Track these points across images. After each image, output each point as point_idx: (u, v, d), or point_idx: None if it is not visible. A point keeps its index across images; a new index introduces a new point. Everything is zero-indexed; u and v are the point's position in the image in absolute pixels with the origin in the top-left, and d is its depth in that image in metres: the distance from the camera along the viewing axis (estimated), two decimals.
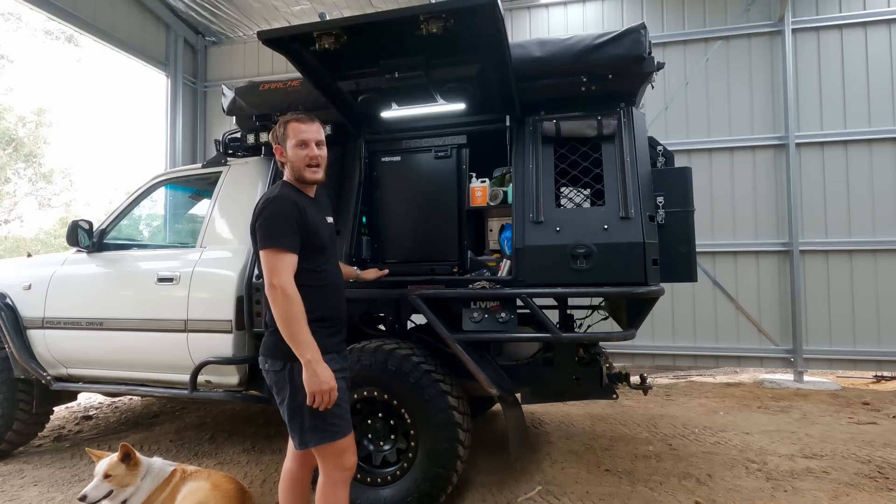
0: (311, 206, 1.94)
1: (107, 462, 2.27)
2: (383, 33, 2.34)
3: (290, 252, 1.81)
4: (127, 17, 6.87)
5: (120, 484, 2.24)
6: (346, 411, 1.92)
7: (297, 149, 1.91)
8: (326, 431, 1.84)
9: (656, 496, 2.83)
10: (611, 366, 2.90)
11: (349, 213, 2.91)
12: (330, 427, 1.85)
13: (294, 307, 1.76)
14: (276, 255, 1.79)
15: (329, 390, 1.76)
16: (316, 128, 1.95)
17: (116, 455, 2.29)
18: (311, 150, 1.90)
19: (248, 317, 2.91)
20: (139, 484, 2.28)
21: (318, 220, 1.96)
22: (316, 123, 1.96)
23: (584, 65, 2.63)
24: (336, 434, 1.86)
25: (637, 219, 2.45)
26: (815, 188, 5.75)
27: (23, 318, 3.46)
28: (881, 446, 3.54)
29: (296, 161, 1.91)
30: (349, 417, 1.93)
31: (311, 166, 1.91)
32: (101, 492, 2.22)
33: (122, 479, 2.25)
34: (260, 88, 3.16)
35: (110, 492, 2.24)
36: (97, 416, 4.70)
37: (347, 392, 1.98)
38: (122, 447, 2.29)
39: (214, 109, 7.81)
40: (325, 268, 1.96)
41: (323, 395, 1.76)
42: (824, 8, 5.81)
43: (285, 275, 1.78)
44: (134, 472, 2.27)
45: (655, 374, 6.29)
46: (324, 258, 1.96)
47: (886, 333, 5.50)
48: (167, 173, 3.66)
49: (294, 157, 1.91)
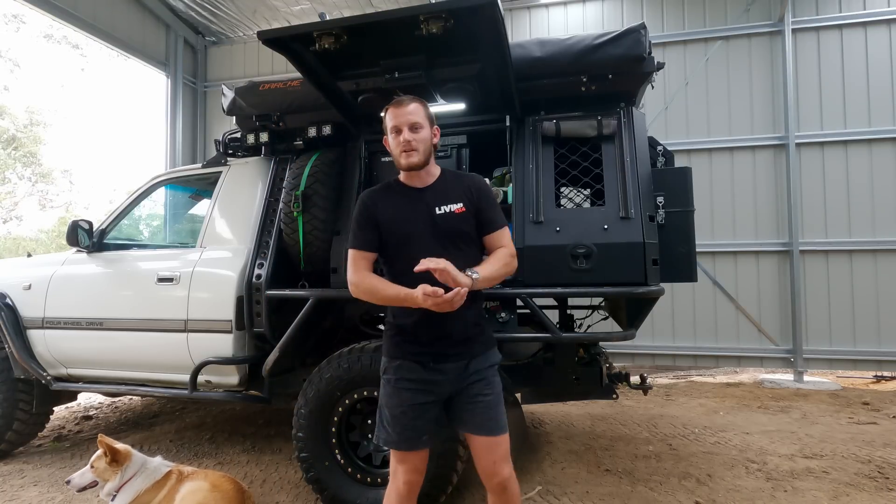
0: (402, 199, 1.82)
1: (98, 453, 2.32)
2: (383, 33, 2.34)
3: (354, 248, 1.82)
4: (127, 17, 6.87)
5: (101, 476, 2.29)
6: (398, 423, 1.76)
7: (392, 137, 1.80)
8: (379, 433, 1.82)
9: (656, 496, 2.83)
10: (611, 366, 2.90)
11: (349, 213, 2.91)
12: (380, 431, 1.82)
13: (369, 291, 1.75)
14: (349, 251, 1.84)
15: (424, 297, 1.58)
16: (409, 110, 1.77)
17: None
18: (402, 135, 1.76)
19: (248, 317, 2.91)
20: (123, 479, 2.27)
21: (402, 216, 1.80)
22: (410, 105, 1.78)
23: (584, 65, 2.63)
24: (385, 441, 1.80)
25: (637, 219, 2.45)
26: (815, 188, 5.75)
27: (23, 318, 3.45)
28: (881, 446, 3.54)
29: (393, 150, 1.80)
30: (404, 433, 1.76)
31: (405, 151, 1.77)
32: (86, 480, 2.28)
33: (102, 472, 2.29)
34: (260, 88, 3.16)
35: (95, 482, 2.29)
36: (97, 416, 4.70)
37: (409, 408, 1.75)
38: (98, 441, 2.32)
39: (214, 109, 7.81)
40: (397, 267, 1.80)
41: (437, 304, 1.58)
42: (824, 8, 5.81)
43: (351, 271, 1.80)
44: (114, 467, 2.29)
45: (655, 374, 6.29)
46: (400, 254, 1.80)
47: (886, 333, 5.50)
48: (167, 173, 3.66)
49: (392, 148, 1.81)
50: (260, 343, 3.01)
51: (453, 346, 1.77)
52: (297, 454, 2.67)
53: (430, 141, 1.81)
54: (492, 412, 1.76)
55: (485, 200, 1.83)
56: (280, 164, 3.20)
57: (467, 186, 1.84)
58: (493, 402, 1.77)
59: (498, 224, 1.83)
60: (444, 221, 1.78)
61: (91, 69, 22.61)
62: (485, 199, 1.84)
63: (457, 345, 1.77)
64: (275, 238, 3.00)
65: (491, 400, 1.77)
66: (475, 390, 1.77)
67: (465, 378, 1.77)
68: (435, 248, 1.72)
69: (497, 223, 1.83)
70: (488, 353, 1.84)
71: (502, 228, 1.83)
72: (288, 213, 2.87)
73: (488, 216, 1.82)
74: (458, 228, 1.79)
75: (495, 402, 1.78)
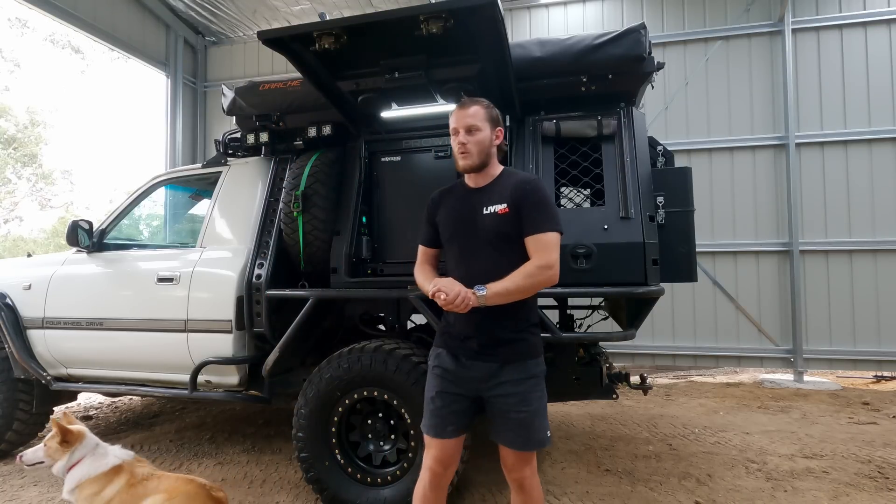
0: (457, 200, 1.88)
1: (52, 432, 2.26)
2: (383, 33, 2.34)
3: (419, 243, 2.00)
4: (127, 17, 6.87)
5: (51, 456, 2.23)
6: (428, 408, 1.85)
7: (452, 138, 1.84)
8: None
9: (656, 496, 2.83)
10: (611, 366, 2.90)
11: (349, 213, 2.91)
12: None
13: (417, 282, 1.91)
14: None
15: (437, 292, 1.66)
16: (468, 112, 1.80)
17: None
18: (459, 137, 1.80)
19: (248, 317, 2.91)
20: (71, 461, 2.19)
21: (456, 215, 1.86)
22: (471, 108, 1.81)
23: (584, 65, 2.63)
24: (421, 424, 1.89)
25: (637, 219, 2.45)
26: (815, 188, 5.75)
27: (23, 318, 3.45)
28: (881, 446, 3.54)
29: (454, 151, 1.85)
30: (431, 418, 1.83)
31: (460, 153, 1.81)
32: (37, 457, 2.24)
33: (53, 452, 2.23)
34: (260, 88, 3.16)
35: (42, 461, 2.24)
36: (97, 416, 4.70)
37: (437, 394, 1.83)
38: (51, 421, 2.25)
39: (214, 109, 7.81)
40: (450, 264, 1.88)
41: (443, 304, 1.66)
42: (824, 8, 5.81)
43: (416, 263, 1.97)
44: (64, 447, 2.22)
45: (655, 374, 6.29)
46: (450, 251, 1.89)
47: (886, 333, 5.50)
48: (167, 173, 3.66)
49: (453, 148, 1.85)
50: (260, 343, 3.01)
51: (482, 346, 1.77)
52: (297, 454, 2.66)
53: (487, 143, 1.81)
54: (524, 430, 1.74)
55: (526, 201, 1.75)
56: (280, 164, 3.20)
57: (515, 185, 1.79)
58: (525, 420, 1.74)
59: (535, 228, 1.73)
60: (487, 222, 1.78)
61: (92, 70, 22.65)
62: (526, 200, 1.75)
63: (485, 346, 1.77)
64: (275, 238, 3.00)
65: (524, 418, 1.74)
66: (509, 405, 1.75)
67: (495, 382, 1.76)
68: (475, 248, 1.78)
69: (534, 227, 1.73)
70: (526, 362, 1.77)
71: (540, 234, 1.72)
72: (288, 213, 2.87)
73: (527, 218, 1.74)
74: (498, 229, 1.77)
75: (529, 420, 1.74)
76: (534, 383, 1.77)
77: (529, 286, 1.70)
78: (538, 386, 1.78)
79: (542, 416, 1.77)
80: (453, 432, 1.82)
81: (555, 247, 1.73)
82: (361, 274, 2.93)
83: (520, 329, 1.80)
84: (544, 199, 1.77)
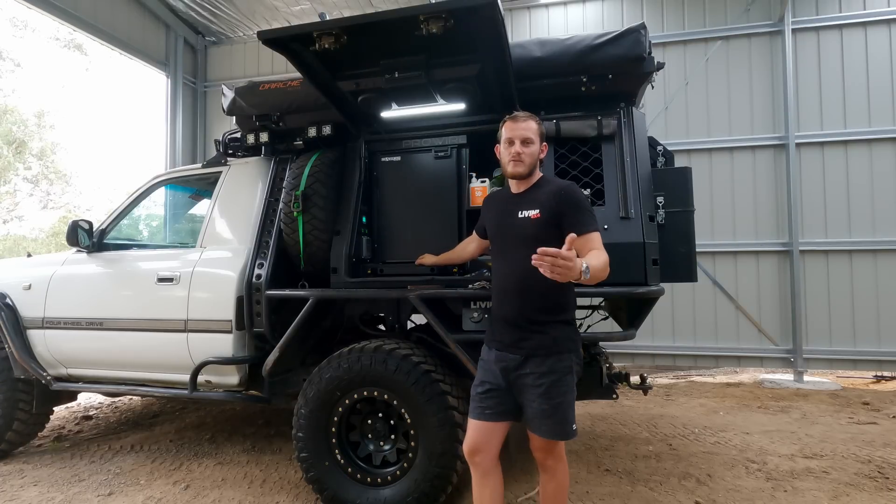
0: (501, 203, 2.09)
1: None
2: (383, 33, 2.34)
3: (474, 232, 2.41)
4: (127, 17, 6.87)
5: None
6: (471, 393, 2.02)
7: (505, 146, 2.00)
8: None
9: (656, 496, 2.83)
10: (611, 366, 2.90)
11: (349, 213, 2.91)
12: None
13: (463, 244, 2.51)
14: None
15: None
16: (524, 126, 1.97)
17: None
18: (514, 147, 1.97)
19: (248, 317, 2.91)
20: None
21: (498, 217, 2.08)
22: (527, 122, 1.98)
23: (584, 65, 2.63)
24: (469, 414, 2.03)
25: (637, 219, 2.45)
26: (815, 188, 5.75)
27: (23, 318, 3.45)
28: (881, 446, 3.54)
29: (503, 158, 2.02)
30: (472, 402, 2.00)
31: (514, 160, 1.97)
32: None
33: None
34: (260, 88, 3.16)
35: None
36: (97, 416, 4.70)
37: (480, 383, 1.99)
38: None
39: (214, 109, 7.81)
40: (494, 264, 2.10)
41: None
42: (824, 8, 5.81)
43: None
44: None
45: (655, 374, 6.29)
46: (493, 248, 2.12)
47: (886, 333, 5.50)
48: (167, 173, 3.66)
49: (502, 155, 2.03)
50: (260, 343, 3.01)
51: (509, 336, 1.94)
52: (297, 454, 2.67)
53: (537, 155, 2.00)
54: (547, 421, 1.86)
55: (566, 205, 1.88)
56: (280, 164, 3.19)
57: (550, 192, 1.94)
58: (548, 412, 1.86)
59: (584, 228, 1.84)
60: (519, 225, 1.95)
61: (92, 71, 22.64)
62: (566, 204, 1.89)
63: (512, 336, 1.94)
64: (275, 238, 3.00)
65: (547, 410, 1.86)
66: (534, 396, 1.87)
67: (520, 372, 1.90)
68: (511, 247, 1.98)
69: (583, 226, 1.84)
70: (551, 357, 1.88)
71: (589, 234, 1.85)
72: (288, 213, 2.87)
73: (570, 220, 1.86)
74: (528, 233, 1.91)
75: (551, 412, 1.86)
76: (561, 379, 1.88)
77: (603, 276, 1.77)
78: (562, 381, 1.88)
79: (566, 410, 1.88)
80: (490, 416, 1.94)
81: (601, 245, 1.88)
82: (361, 274, 2.93)
83: (545, 323, 1.92)
84: (583, 201, 1.94)
